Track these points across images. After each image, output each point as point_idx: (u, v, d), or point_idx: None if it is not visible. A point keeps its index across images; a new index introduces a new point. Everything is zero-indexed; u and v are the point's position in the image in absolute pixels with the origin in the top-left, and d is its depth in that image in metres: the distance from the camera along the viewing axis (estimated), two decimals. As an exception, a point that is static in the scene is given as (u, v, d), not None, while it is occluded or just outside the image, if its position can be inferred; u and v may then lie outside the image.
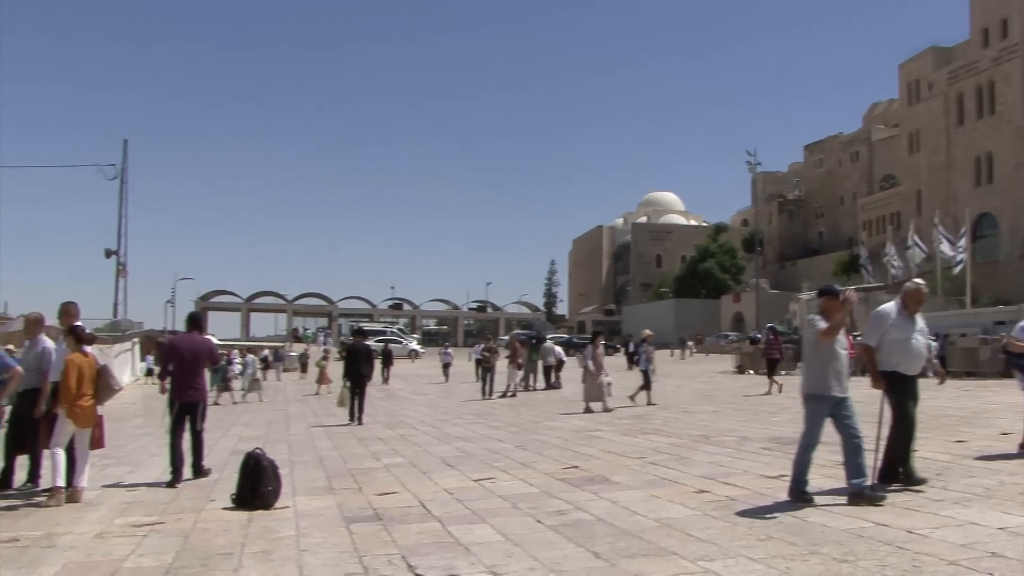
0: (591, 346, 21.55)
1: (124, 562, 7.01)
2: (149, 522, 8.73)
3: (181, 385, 11.79)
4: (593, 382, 20.80)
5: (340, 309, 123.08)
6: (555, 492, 9.57)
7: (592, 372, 20.98)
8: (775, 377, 26.29)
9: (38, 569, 6.90)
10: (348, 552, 7.03)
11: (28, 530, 8.55)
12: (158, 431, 16.04)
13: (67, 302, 11.21)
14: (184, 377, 11.79)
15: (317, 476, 11.78)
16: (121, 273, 56.07)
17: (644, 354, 23.36)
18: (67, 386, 9.99)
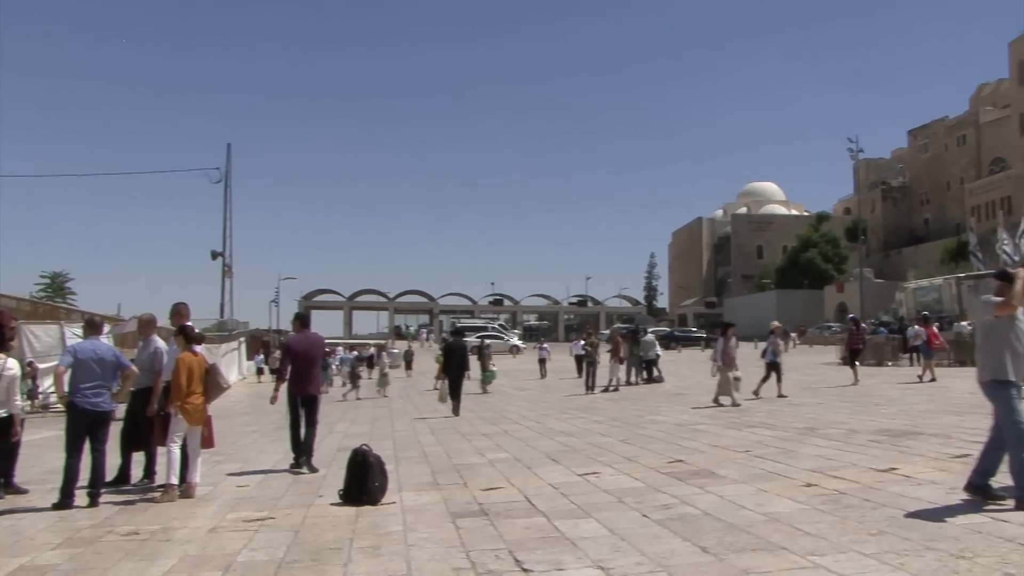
0: (722, 339, 21.02)
1: (237, 556, 7.16)
2: (260, 517, 8.90)
3: (299, 380, 12.58)
4: (724, 376, 20.44)
5: (441, 306, 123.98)
6: (660, 486, 9.51)
7: (722, 366, 20.50)
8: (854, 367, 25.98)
9: (157, 561, 7.09)
10: (455, 547, 7.08)
11: (146, 524, 8.80)
12: (266, 428, 16.43)
13: (178, 303, 11.51)
14: (302, 373, 12.60)
15: (422, 472, 11.88)
16: (227, 274, 57.27)
17: (771, 346, 22.98)
18: (177, 384, 10.25)
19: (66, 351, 10.63)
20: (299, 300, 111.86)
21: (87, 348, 10.24)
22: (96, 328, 10.81)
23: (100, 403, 10.07)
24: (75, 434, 10.01)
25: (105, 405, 10.15)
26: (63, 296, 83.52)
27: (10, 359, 9.73)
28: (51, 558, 7.49)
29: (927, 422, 14.67)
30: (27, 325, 27.58)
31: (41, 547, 7.98)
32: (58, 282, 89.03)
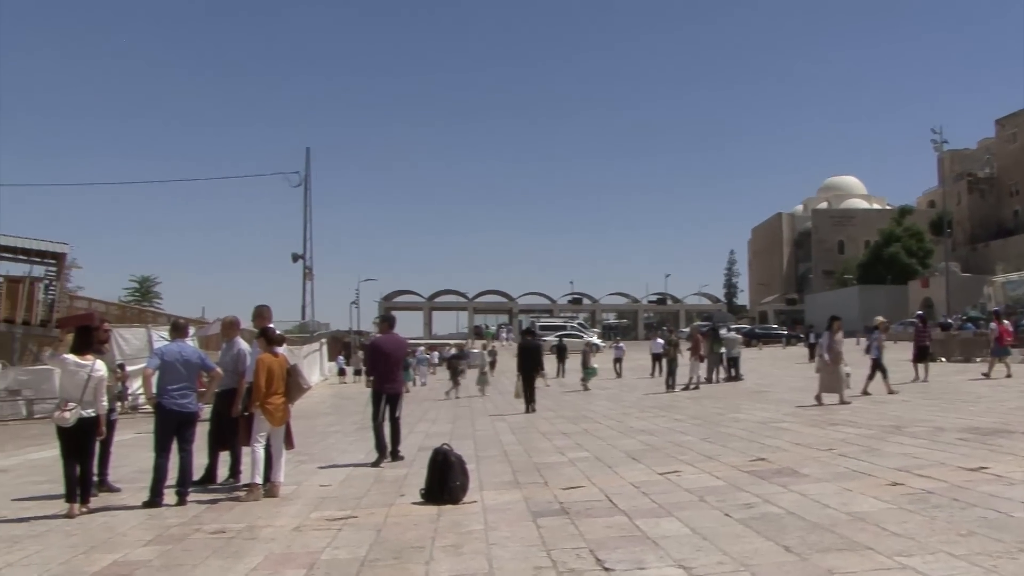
0: (828, 332, 20.09)
1: (321, 554, 7.26)
2: (343, 516, 9.01)
3: (384, 378, 13.42)
4: (829, 372, 19.56)
5: (520, 305, 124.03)
6: (742, 485, 9.43)
7: (829, 361, 19.59)
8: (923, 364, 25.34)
9: (243, 559, 7.22)
10: (536, 546, 7.09)
11: (232, 523, 8.97)
12: (348, 428, 16.62)
13: (260, 305, 11.71)
14: (387, 371, 13.46)
15: (503, 471, 11.92)
16: (308, 276, 57.88)
17: (875, 342, 22.58)
18: (258, 385, 10.42)
19: (153, 354, 10.88)
20: (379, 301, 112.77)
21: (173, 350, 10.46)
22: (181, 331, 11.05)
23: (187, 404, 10.29)
24: (163, 434, 10.24)
25: (191, 406, 10.37)
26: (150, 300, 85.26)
27: (98, 361, 9.96)
28: (142, 554, 7.67)
29: (1019, 420, 14.33)
30: (116, 329, 28.29)
31: (133, 543, 8.19)
32: (146, 286, 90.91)
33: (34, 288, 36.93)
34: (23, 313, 35.90)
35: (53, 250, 38.12)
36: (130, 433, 17.95)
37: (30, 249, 38.01)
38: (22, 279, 37.30)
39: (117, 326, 29.07)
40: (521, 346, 24.45)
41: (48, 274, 38.44)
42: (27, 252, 38.18)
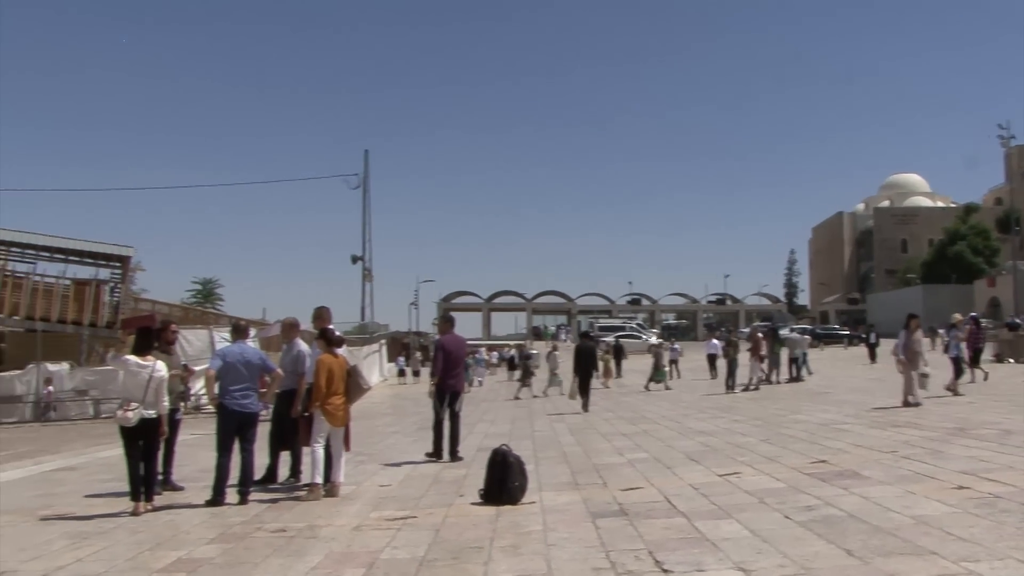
0: (904, 332, 19.25)
1: (380, 554, 7.31)
2: (402, 516, 9.06)
3: (448, 376, 13.85)
4: (909, 372, 18.65)
5: (579, 306, 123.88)
6: (803, 487, 9.33)
7: (904, 361, 18.69)
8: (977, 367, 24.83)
9: (304, 558, 7.30)
10: (595, 547, 7.08)
11: (293, 522, 9.06)
12: (408, 429, 16.71)
13: (320, 307, 11.82)
14: (451, 369, 13.89)
15: (561, 471, 11.92)
16: (367, 277, 58.37)
17: (953, 339, 22.26)
18: (318, 386, 10.51)
19: (215, 355, 11.02)
20: (438, 302, 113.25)
21: (235, 352, 10.60)
22: (243, 332, 11.19)
23: (248, 404, 10.41)
24: (225, 434, 10.38)
25: (253, 406, 10.49)
26: (213, 302, 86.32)
27: (159, 362, 10.11)
28: (206, 552, 7.78)
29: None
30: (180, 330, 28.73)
31: (196, 541, 8.31)
32: (208, 288, 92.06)
33: (100, 291, 37.64)
34: (90, 315, 36.59)
35: (118, 253, 38.79)
36: (193, 433, 18.19)
37: (96, 252, 38.72)
38: (89, 282, 38.02)
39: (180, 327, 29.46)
40: (577, 348, 25.32)
41: (113, 277, 39.14)
42: (93, 255, 38.90)
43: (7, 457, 18.58)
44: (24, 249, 39.32)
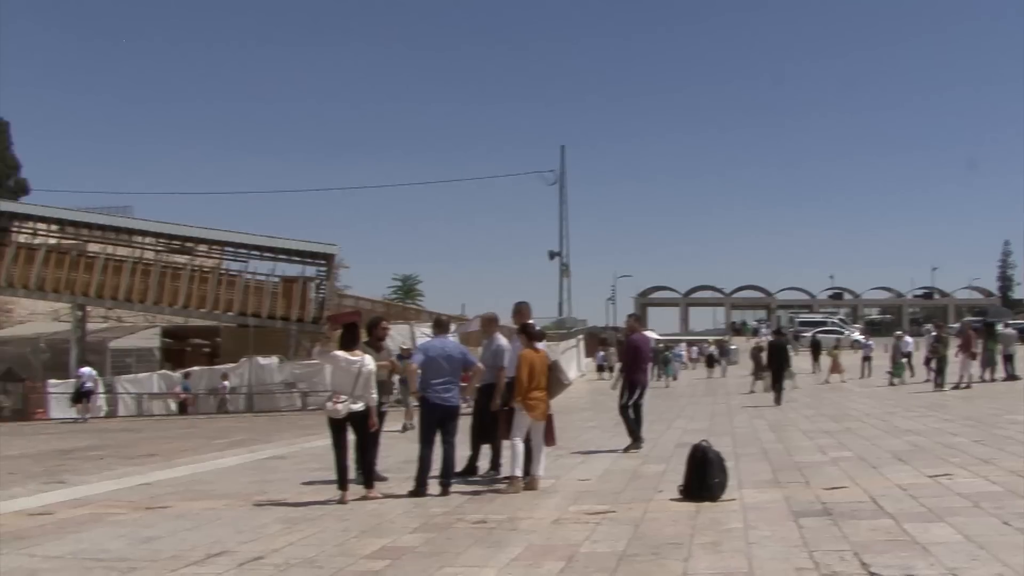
0: None
1: (580, 547, 7.34)
2: (601, 510, 9.06)
3: (633, 371, 15.04)
4: None
5: (778, 301, 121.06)
6: (1022, 492, 8.86)
7: None
8: None
9: (504, 549, 7.40)
10: (797, 546, 6.92)
11: (493, 513, 9.20)
12: (606, 424, 16.73)
13: (520, 302, 11.97)
14: (640, 364, 15.21)
15: (762, 469, 11.70)
16: (565, 273, 58.72)
17: None
18: (519, 380, 10.62)
19: (418, 349, 11.30)
20: (635, 297, 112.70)
21: (436, 346, 10.84)
22: (444, 327, 11.43)
23: (449, 398, 10.63)
24: (428, 427, 10.63)
25: (454, 400, 10.71)
26: (413, 298, 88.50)
27: (367, 356, 10.42)
28: (409, 541, 8.00)
29: None
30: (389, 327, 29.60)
31: (400, 530, 8.55)
32: (408, 284, 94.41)
33: (306, 287, 39.21)
34: (297, 311, 38.12)
35: (323, 251, 40.27)
36: (396, 425, 18.71)
37: (303, 251, 40.33)
38: (296, 279, 39.66)
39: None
40: (771, 344, 26.59)
41: (319, 274, 40.64)
42: (300, 254, 40.52)
43: (224, 445, 19.56)
44: (237, 248, 41.34)
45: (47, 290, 38.94)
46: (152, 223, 41.89)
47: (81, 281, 38.29)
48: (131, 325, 48.30)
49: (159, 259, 40.70)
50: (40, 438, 24.44)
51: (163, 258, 41.08)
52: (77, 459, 16.88)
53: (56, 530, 9.35)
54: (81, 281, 38.29)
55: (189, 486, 12.68)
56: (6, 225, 42.07)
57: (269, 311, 38.21)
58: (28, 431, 29.01)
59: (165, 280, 38.79)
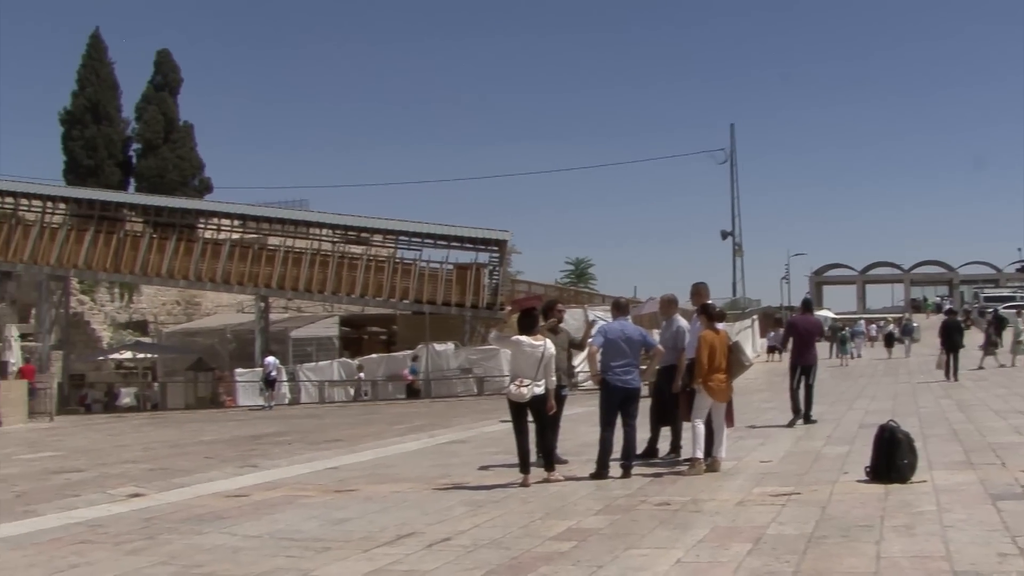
0: None
1: (767, 529, 7.26)
2: (786, 492, 8.94)
3: (800, 352, 15.76)
4: None
5: (961, 275, 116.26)
6: None
7: None
8: None
9: (689, 531, 7.38)
10: (998, 531, 6.68)
11: (676, 495, 9.18)
12: (784, 405, 16.42)
13: (698, 283, 11.91)
14: (802, 347, 15.75)
15: (953, 450, 11.31)
16: (737, 252, 57.89)
17: None
18: (700, 362, 10.53)
19: (597, 332, 11.32)
20: (809, 276, 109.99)
21: (616, 328, 10.84)
22: (623, 309, 11.42)
23: (630, 380, 10.62)
24: (608, 409, 10.65)
25: (634, 382, 10.70)
26: (585, 281, 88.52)
27: (547, 341, 10.53)
28: (594, 522, 8.06)
29: None
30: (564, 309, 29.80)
31: (584, 512, 8.62)
32: (581, 268, 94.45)
33: (480, 274, 39.73)
34: (471, 297, 38.70)
35: (495, 237, 40.74)
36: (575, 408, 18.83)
37: (476, 238, 40.90)
38: (469, 266, 40.25)
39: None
40: (944, 323, 26.84)
41: (492, 260, 41.11)
42: (473, 240, 41.10)
43: (405, 430, 20.05)
44: (411, 237, 42.20)
45: (232, 283, 40.64)
46: (328, 215, 43.20)
47: (263, 273, 39.80)
48: (311, 315, 49.94)
49: (336, 250, 41.90)
50: (231, 424, 25.57)
51: (340, 249, 42.27)
52: (267, 444, 17.59)
53: (252, 511, 9.79)
54: (263, 273, 39.80)
55: (374, 470, 13.06)
56: (192, 222, 44.09)
57: (444, 298, 38.91)
58: (220, 418, 30.43)
59: (342, 270, 39.95)
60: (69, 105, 62.07)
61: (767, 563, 6.19)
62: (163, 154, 63.30)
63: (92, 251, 40.28)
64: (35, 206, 43.31)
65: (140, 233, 42.02)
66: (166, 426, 26.75)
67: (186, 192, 59.98)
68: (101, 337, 50.49)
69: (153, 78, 65.49)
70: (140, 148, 64.40)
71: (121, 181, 62.21)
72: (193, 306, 59.07)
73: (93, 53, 62.53)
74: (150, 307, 57.00)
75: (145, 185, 60.94)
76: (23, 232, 41.26)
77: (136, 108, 64.66)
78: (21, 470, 15.05)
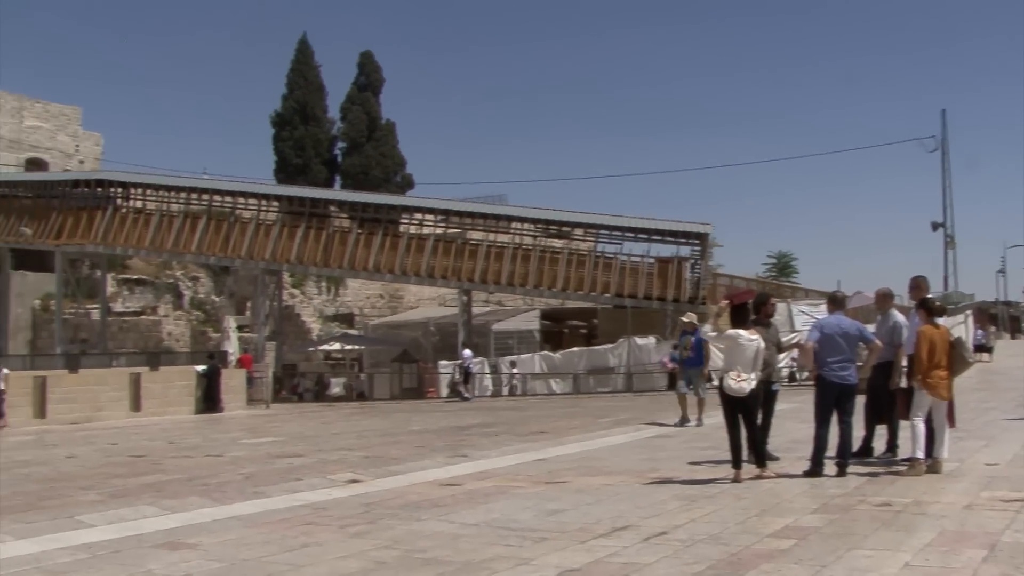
0: None
1: (1001, 536, 6.94)
2: (1018, 498, 8.51)
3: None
4: None
5: None
6: None
7: None
8: None
9: (915, 534, 7.14)
10: None
11: (896, 496, 8.90)
12: (1006, 406, 15.73)
13: (917, 276, 11.50)
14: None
15: None
16: (949, 244, 55.43)
17: None
18: (919, 358, 10.16)
19: (813, 327, 11.06)
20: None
21: (832, 323, 10.57)
22: (839, 303, 11.15)
23: (847, 376, 10.33)
24: (824, 406, 10.39)
25: (851, 378, 10.39)
26: (787, 275, 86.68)
27: (755, 334, 10.36)
28: (811, 521, 7.90)
29: None
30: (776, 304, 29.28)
31: (800, 510, 8.46)
32: (783, 261, 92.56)
33: (681, 267, 39.33)
34: (672, 291, 38.38)
35: (697, 231, 40.21)
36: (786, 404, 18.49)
37: (676, 231, 40.50)
38: (670, 259, 39.88)
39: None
40: None
41: (693, 253, 40.63)
42: (674, 234, 40.71)
43: (609, 424, 20.04)
44: (611, 231, 42.13)
45: (436, 277, 41.55)
46: (529, 209, 43.56)
47: (466, 268, 40.53)
48: (512, 308, 50.60)
49: (537, 244, 42.25)
50: (436, 415, 26.17)
51: (541, 243, 42.61)
52: (474, 435, 17.91)
53: (466, 500, 10.01)
54: (466, 268, 40.53)
55: (582, 462, 13.12)
56: (396, 218, 45.32)
57: (645, 291, 38.74)
58: (425, 408, 31.22)
59: (543, 264, 40.24)
60: (279, 108, 65.18)
61: (1007, 572, 5.92)
62: (367, 152, 65.48)
63: (303, 246, 42.00)
64: (251, 204, 45.46)
65: (348, 229, 43.46)
66: (374, 415, 27.62)
67: (389, 188, 61.73)
68: (311, 329, 52.60)
69: (357, 79, 67.82)
70: (345, 147, 66.85)
71: (327, 179, 64.73)
72: (396, 299, 60.83)
73: (301, 58, 65.43)
74: (355, 300, 59.05)
75: (350, 182, 63.27)
76: (240, 229, 43.39)
77: (341, 108, 67.23)
78: (247, 453, 15.85)
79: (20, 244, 47.29)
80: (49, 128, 59.63)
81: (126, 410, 28.69)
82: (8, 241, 47.58)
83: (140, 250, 45.38)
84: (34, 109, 58.99)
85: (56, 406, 27.13)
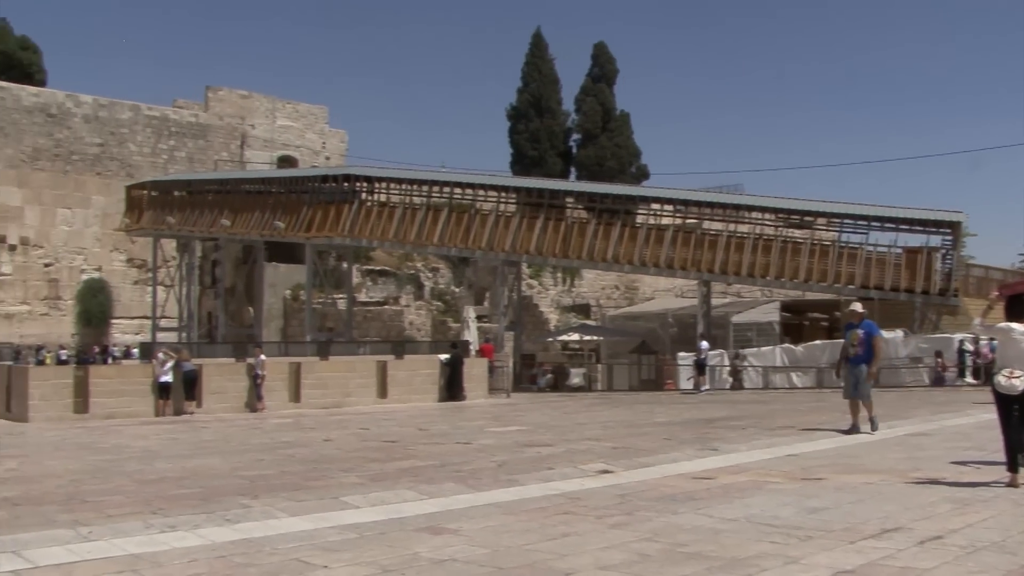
0: None
1: None
2: None
3: None
4: None
5: None
6: None
7: None
8: None
9: None
10: None
11: None
12: None
13: None
14: None
15: None
16: None
17: None
18: None
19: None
20: None
21: None
22: None
23: None
24: None
25: None
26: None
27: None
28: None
29: None
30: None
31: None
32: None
33: (931, 258, 37.51)
34: (921, 283, 36.68)
35: (948, 219, 38.29)
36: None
37: (926, 220, 38.65)
38: (919, 250, 38.09)
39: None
40: None
41: (944, 243, 38.72)
42: (923, 223, 38.87)
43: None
44: (856, 220, 40.60)
45: (675, 267, 41.14)
46: (768, 199, 42.53)
47: (705, 259, 39.95)
48: (751, 300, 49.65)
49: (778, 234, 41.21)
50: (677, 407, 25.92)
51: (782, 233, 41.54)
52: (721, 428, 17.61)
53: (721, 494, 9.85)
54: (705, 259, 39.95)
55: (836, 459, 12.70)
56: (632, 208, 45.15)
57: (891, 283, 37.17)
58: (664, 400, 31.02)
59: (785, 255, 39.21)
60: (515, 101, 66.33)
61: None
62: (601, 143, 65.81)
63: (542, 238, 42.40)
64: (490, 196, 46.32)
65: (586, 220, 43.64)
66: (615, 406, 27.62)
67: (624, 179, 61.81)
68: (548, 319, 53.27)
69: (591, 70, 68.27)
70: (580, 138, 67.45)
71: (563, 170, 65.42)
72: (631, 290, 60.79)
73: (535, 51, 66.42)
74: (590, 291, 59.36)
75: (585, 174, 63.75)
76: (481, 221, 44.24)
77: (575, 100, 67.91)
78: (495, 442, 16.12)
79: (274, 237, 49.78)
80: (298, 127, 63.00)
81: (373, 396, 29.83)
82: (263, 235, 50.12)
83: (385, 242, 46.91)
84: (285, 110, 62.52)
85: (309, 391, 28.54)
